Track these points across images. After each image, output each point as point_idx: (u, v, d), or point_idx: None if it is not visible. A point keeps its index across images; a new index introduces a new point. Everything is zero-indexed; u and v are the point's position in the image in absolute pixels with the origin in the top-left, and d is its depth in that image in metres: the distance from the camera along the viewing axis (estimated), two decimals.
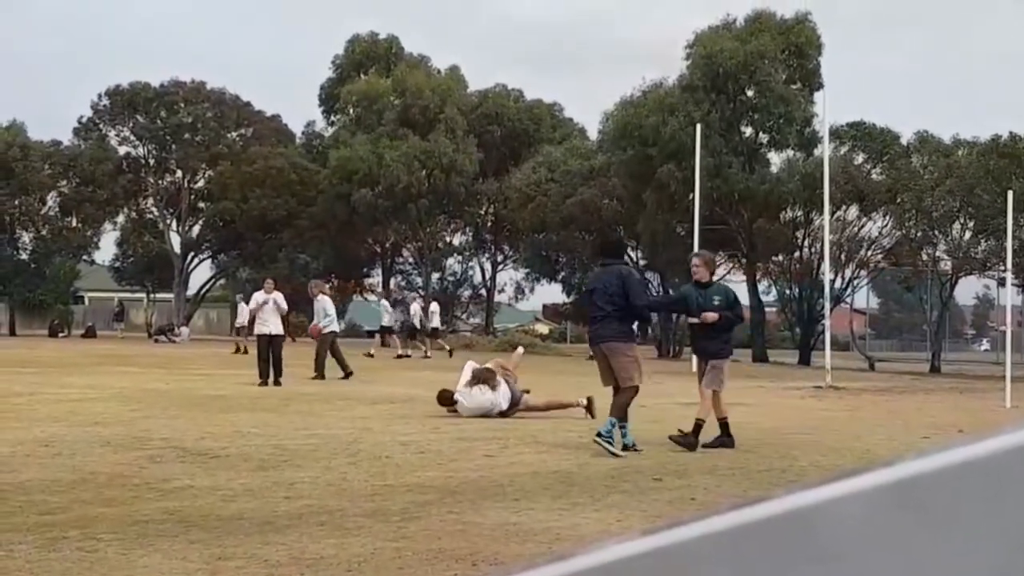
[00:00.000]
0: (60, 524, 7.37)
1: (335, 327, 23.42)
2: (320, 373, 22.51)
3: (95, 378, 21.62)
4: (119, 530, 7.20)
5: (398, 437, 12.36)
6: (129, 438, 11.84)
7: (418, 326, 38.22)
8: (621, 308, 11.69)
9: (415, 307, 39.53)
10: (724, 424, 12.06)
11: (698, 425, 11.88)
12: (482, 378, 15.00)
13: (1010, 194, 22.99)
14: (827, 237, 29.73)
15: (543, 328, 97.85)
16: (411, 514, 7.87)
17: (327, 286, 23.86)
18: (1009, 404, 19.31)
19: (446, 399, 15.24)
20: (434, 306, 40.58)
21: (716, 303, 12.26)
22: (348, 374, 22.79)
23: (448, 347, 37.76)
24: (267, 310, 21.28)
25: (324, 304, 23.27)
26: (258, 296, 21.98)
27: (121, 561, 6.36)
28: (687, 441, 11.72)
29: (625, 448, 11.40)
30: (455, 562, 6.35)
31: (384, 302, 42.09)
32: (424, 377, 20.31)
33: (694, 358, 13.16)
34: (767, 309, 51.24)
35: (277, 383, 20.55)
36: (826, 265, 29.47)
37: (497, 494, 8.78)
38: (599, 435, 11.32)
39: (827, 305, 28.52)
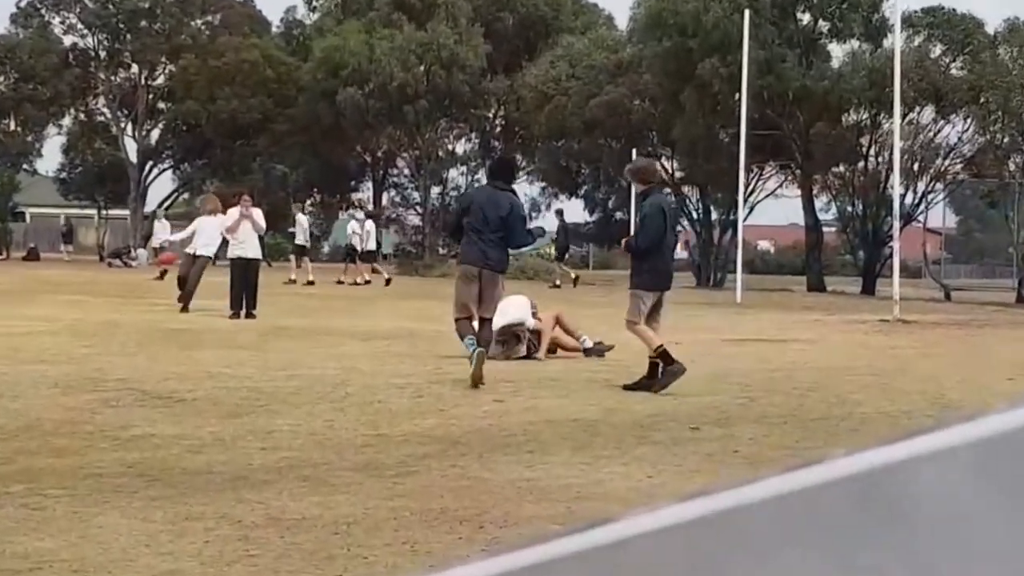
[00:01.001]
0: (2, 477, 7.45)
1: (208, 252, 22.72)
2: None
3: (41, 308, 21.72)
4: (70, 485, 7.28)
5: (392, 379, 12.43)
6: (81, 378, 11.92)
7: (357, 248, 38.36)
8: (504, 238, 12.66)
9: (352, 226, 39.71)
10: (651, 362, 11.98)
11: (653, 363, 11.87)
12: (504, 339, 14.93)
13: None
14: (897, 144, 29.53)
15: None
16: (408, 468, 7.94)
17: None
18: None
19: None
20: (369, 225, 40.47)
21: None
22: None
23: (386, 275, 37.58)
24: (243, 230, 21.30)
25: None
26: (231, 213, 21.97)
27: (72, 520, 6.43)
28: (676, 371, 11.74)
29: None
30: (459, 524, 6.41)
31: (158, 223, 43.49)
32: (428, 309, 20.37)
33: None
34: (825, 229, 51.09)
35: (251, 315, 20.63)
36: (895, 177, 29.25)
37: (508, 445, 8.84)
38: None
39: (896, 225, 28.33)
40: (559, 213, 48.87)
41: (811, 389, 12.16)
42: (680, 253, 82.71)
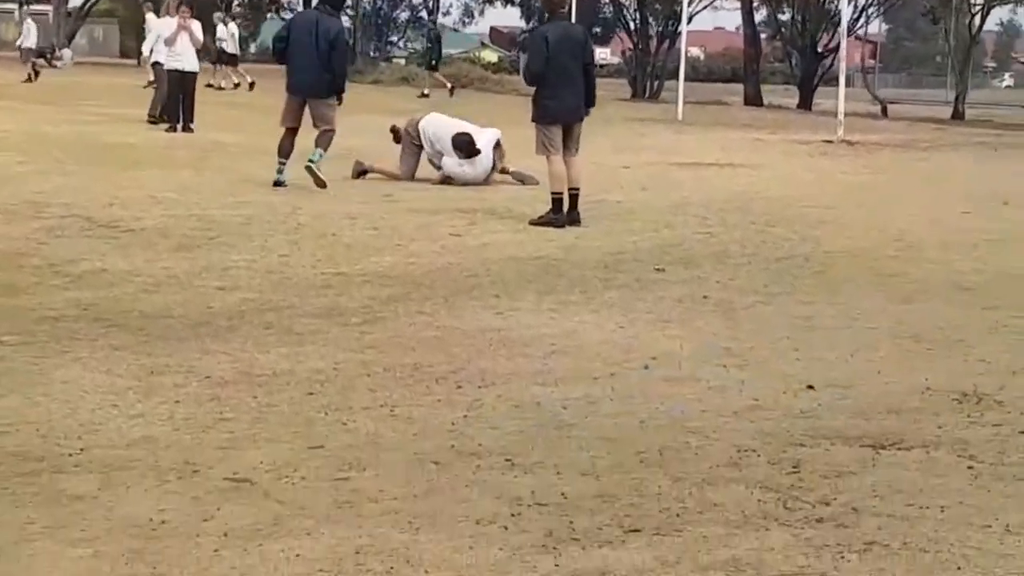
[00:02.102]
0: None
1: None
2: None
3: None
4: (25, 330, 7.02)
5: (344, 207, 12.13)
6: (21, 202, 11.54)
7: (229, 51, 37.81)
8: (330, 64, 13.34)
9: (222, 29, 38.96)
10: (555, 198, 11.66)
11: (556, 199, 11.61)
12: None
13: None
14: None
15: (490, 55, 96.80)
16: (374, 314, 7.72)
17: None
18: None
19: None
20: (232, 27, 39.71)
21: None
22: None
23: (249, 79, 36.71)
24: (182, 42, 20.59)
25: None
26: (167, 22, 21.20)
27: (33, 373, 6.19)
28: (551, 220, 11.50)
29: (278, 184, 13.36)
30: (435, 382, 6.21)
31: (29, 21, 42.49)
32: (367, 123, 19.86)
33: None
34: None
35: (188, 129, 20.13)
36: None
37: (473, 288, 8.63)
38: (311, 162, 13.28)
39: (843, 43, 27.92)
40: (432, 25, 49.59)
41: (769, 224, 11.99)
42: (610, 59, 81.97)
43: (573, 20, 22.86)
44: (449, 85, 37.98)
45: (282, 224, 11.07)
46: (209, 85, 35.07)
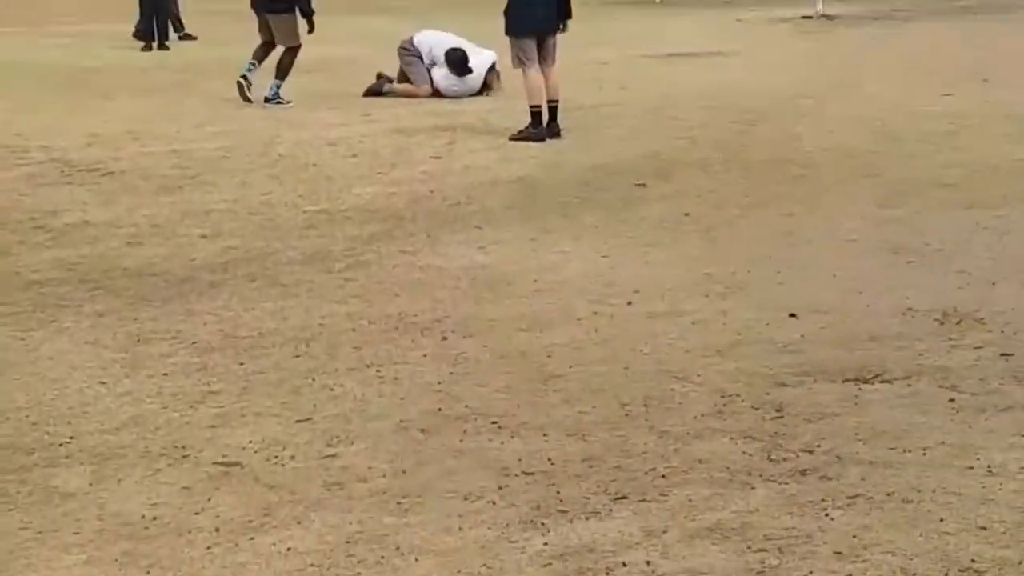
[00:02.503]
0: None
1: None
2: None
3: None
4: (10, 298, 7.03)
5: (324, 132, 12.06)
6: (1, 148, 11.45)
7: None
8: None
9: None
10: (533, 112, 11.55)
11: (535, 112, 11.53)
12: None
13: None
14: None
15: None
16: (357, 257, 7.73)
17: None
18: None
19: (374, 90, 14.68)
20: None
21: None
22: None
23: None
24: None
25: None
26: None
27: (20, 349, 6.21)
28: (531, 134, 11.45)
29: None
30: (420, 334, 6.24)
31: None
32: (336, 25, 19.64)
33: None
34: None
35: (163, 47, 19.93)
36: None
37: (455, 220, 8.63)
38: (267, 100, 13.66)
39: None
40: None
41: (748, 123, 11.95)
42: None
43: None
44: None
45: (262, 156, 11.01)
46: None
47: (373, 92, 14.30)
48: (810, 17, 23.70)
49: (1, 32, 23.19)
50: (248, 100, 13.74)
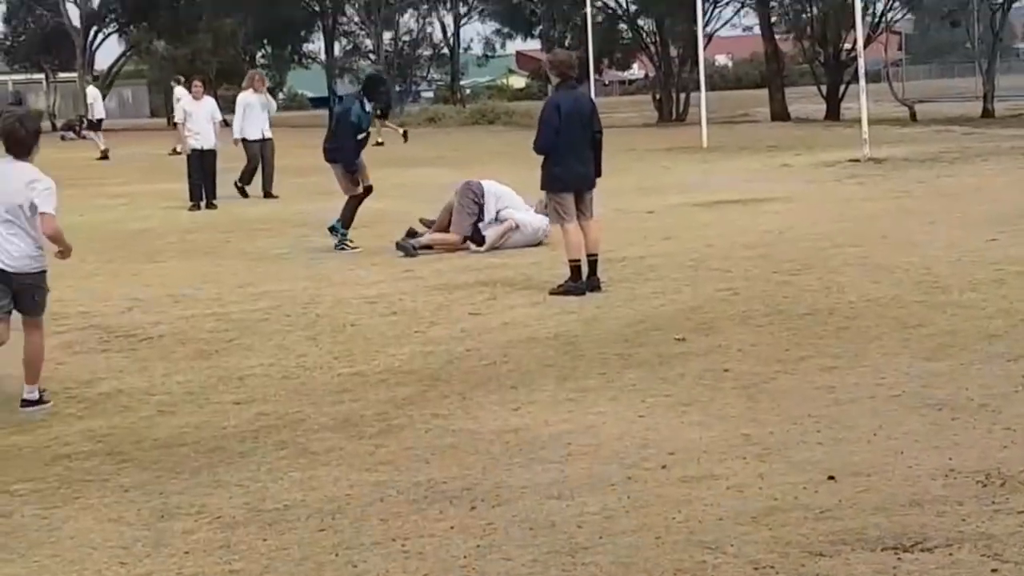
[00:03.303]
0: None
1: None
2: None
3: None
4: (37, 474, 6.94)
5: (363, 290, 12.07)
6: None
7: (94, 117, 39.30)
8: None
9: (92, 91, 40.33)
10: (572, 266, 11.56)
11: (574, 267, 11.52)
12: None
13: None
14: None
15: (518, 81, 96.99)
16: (389, 422, 7.62)
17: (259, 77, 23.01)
18: None
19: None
20: (91, 92, 40.79)
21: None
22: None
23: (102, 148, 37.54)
24: (198, 119, 20.64)
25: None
26: (186, 105, 21.20)
27: (42, 529, 6.10)
28: (570, 288, 11.43)
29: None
30: (449, 503, 6.10)
31: (91, 89, 42.38)
32: (389, 177, 19.82)
33: None
34: (779, 37, 50.03)
35: (211, 206, 20.18)
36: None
37: (490, 379, 8.52)
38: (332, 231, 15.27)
39: (861, 60, 27.48)
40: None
41: (792, 273, 11.86)
42: (637, 73, 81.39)
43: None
44: (402, 131, 38.21)
45: (301, 317, 11.00)
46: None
47: (402, 248, 14.29)
48: (857, 161, 23.73)
49: (62, 193, 23.48)
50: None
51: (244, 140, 21.53)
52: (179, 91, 40.15)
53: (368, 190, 15.45)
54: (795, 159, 25.64)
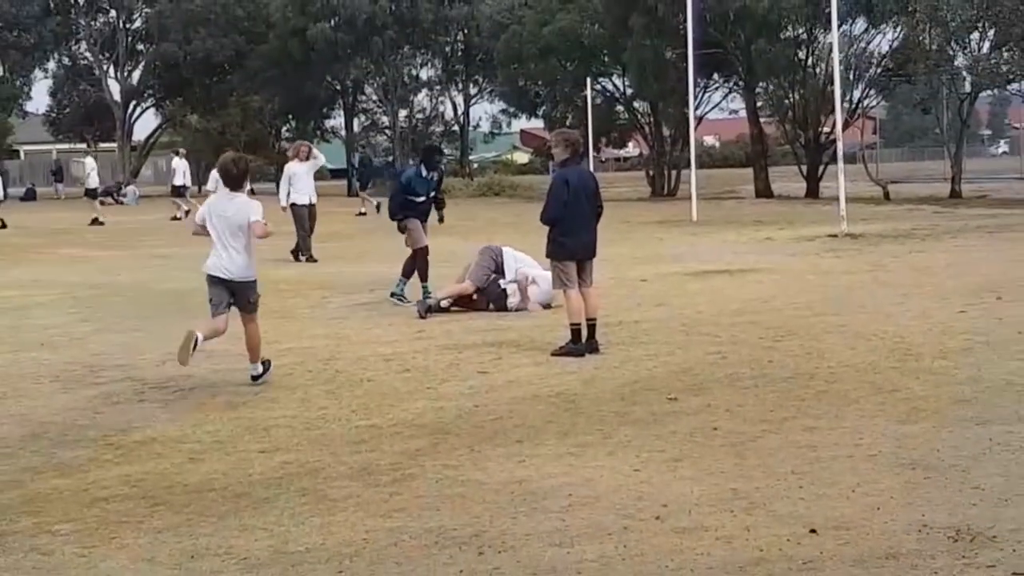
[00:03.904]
0: (9, 509, 7.09)
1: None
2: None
3: (39, 268, 21.24)
4: (77, 516, 6.93)
5: (379, 348, 12.08)
6: (82, 367, 11.53)
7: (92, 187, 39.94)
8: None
9: (89, 161, 41.01)
10: (572, 329, 11.59)
11: (574, 330, 11.55)
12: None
13: None
14: (836, 56, 29.00)
15: (521, 157, 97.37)
16: (403, 471, 7.61)
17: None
18: None
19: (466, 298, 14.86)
20: (88, 163, 41.18)
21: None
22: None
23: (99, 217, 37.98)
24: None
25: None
26: (214, 176, 21.43)
27: (81, 567, 6.08)
28: (571, 350, 11.44)
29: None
30: (459, 549, 6.09)
31: (88, 159, 42.64)
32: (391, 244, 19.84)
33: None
34: (764, 120, 50.32)
35: None
36: (836, 89, 28.53)
37: (497, 433, 8.51)
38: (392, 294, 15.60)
39: (839, 143, 27.77)
40: (360, 148, 52.68)
41: (776, 339, 11.86)
42: (632, 151, 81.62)
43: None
44: (375, 203, 38.50)
45: (322, 371, 11.01)
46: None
47: (426, 306, 14.36)
48: (835, 236, 23.79)
49: (100, 256, 23.62)
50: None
51: (293, 206, 22.00)
52: (176, 162, 40.96)
53: (417, 252, 15.72)
54: (778, 233, 25.70)
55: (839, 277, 17.17)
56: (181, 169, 40.23)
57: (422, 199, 15.75)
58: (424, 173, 15.77)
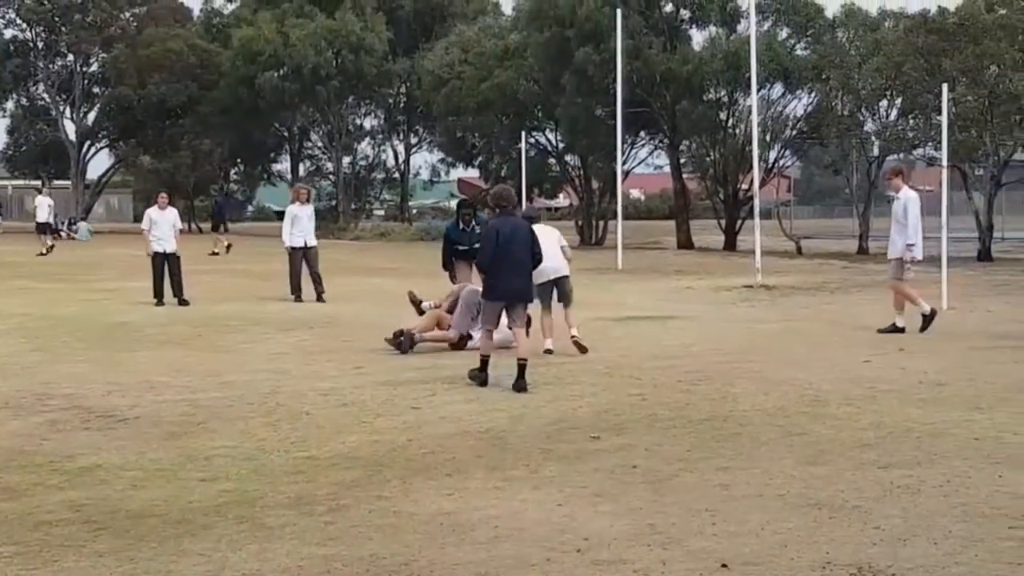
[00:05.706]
0: None
1: None
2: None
3: None
4: (21, 538, 6.81)
5: (318, 383, 12.00)
6: (31, 395, 11.35)
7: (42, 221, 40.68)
8: None
9: (41, 199, 41.53)
10: (482, 359, 11.98)
11: (483, 360, 11.93)
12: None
13: (944, 88, 22.75)
14: (755, 119, 29.40)
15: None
16: (338, 501, 7.55)
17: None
18: (946, 304, 19.28)
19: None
20: (39, 199, 41.86)
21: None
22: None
23: (48, 245, 38.56)
24: (161, 226, 20.63)
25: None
26: (152, 213, 21.08)
27: None
28: (475, 375, 11.92)
29: None
30: None
31: (40, 197, 42.75)
32: (349, 284, 19.82)
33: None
34: (687, 175, 50.77)
35: (183, 303, 20.04)
36: (754, 149, 28.94)
37: (428, 467, 8.48)
38: None
39: (756, 202, 28.07)
40: (219, 190, 53.32)
41: (694, 383, 11.93)
42: (562, 202, 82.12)
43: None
44: (227, 244, 39.02)
45: (262, 405, 10.91)
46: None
47: (398, 346, 14.18)
48: (751, 287, 23.99)
49: (50, 288, 23.31)
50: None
51: (291, 248, 21.47)
52: (39, 199, 41.63)
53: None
54: (698, 283, 25.88)
55: (754, 326, 17.30)
56: (45, 205, 40.70)
57: (464, 247, 16.23)
58: (461, 224, 16.62)
